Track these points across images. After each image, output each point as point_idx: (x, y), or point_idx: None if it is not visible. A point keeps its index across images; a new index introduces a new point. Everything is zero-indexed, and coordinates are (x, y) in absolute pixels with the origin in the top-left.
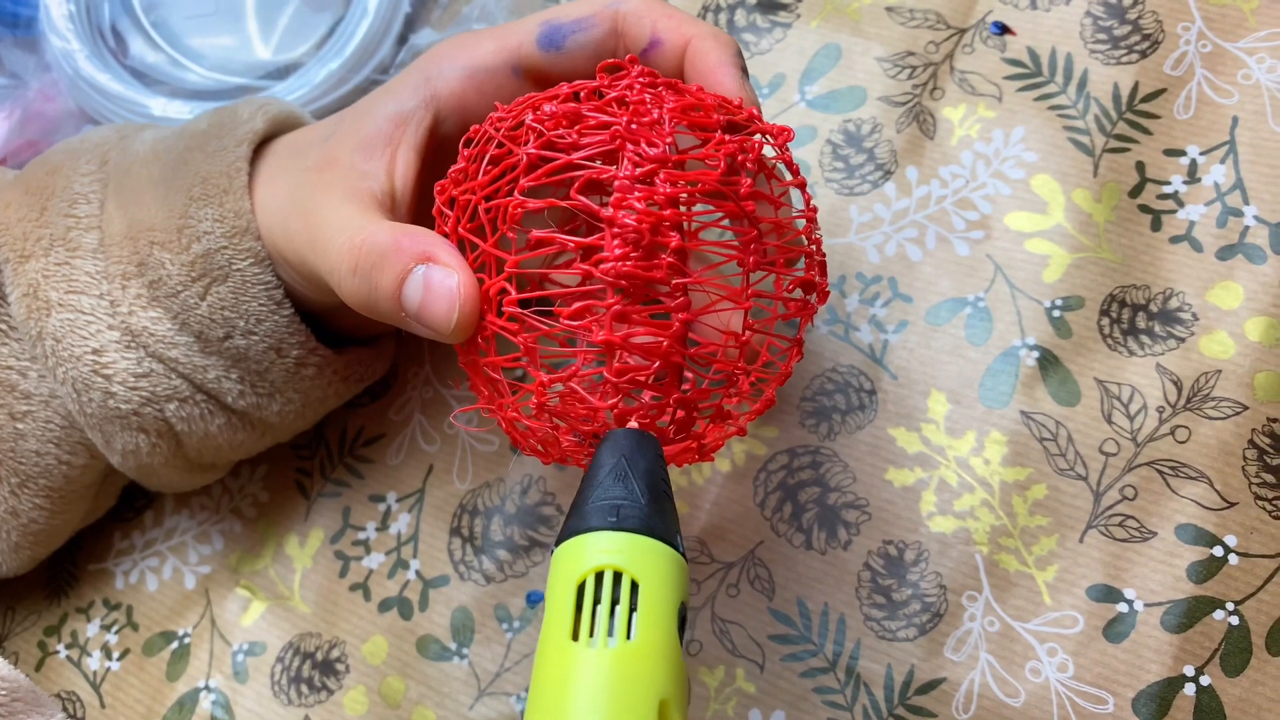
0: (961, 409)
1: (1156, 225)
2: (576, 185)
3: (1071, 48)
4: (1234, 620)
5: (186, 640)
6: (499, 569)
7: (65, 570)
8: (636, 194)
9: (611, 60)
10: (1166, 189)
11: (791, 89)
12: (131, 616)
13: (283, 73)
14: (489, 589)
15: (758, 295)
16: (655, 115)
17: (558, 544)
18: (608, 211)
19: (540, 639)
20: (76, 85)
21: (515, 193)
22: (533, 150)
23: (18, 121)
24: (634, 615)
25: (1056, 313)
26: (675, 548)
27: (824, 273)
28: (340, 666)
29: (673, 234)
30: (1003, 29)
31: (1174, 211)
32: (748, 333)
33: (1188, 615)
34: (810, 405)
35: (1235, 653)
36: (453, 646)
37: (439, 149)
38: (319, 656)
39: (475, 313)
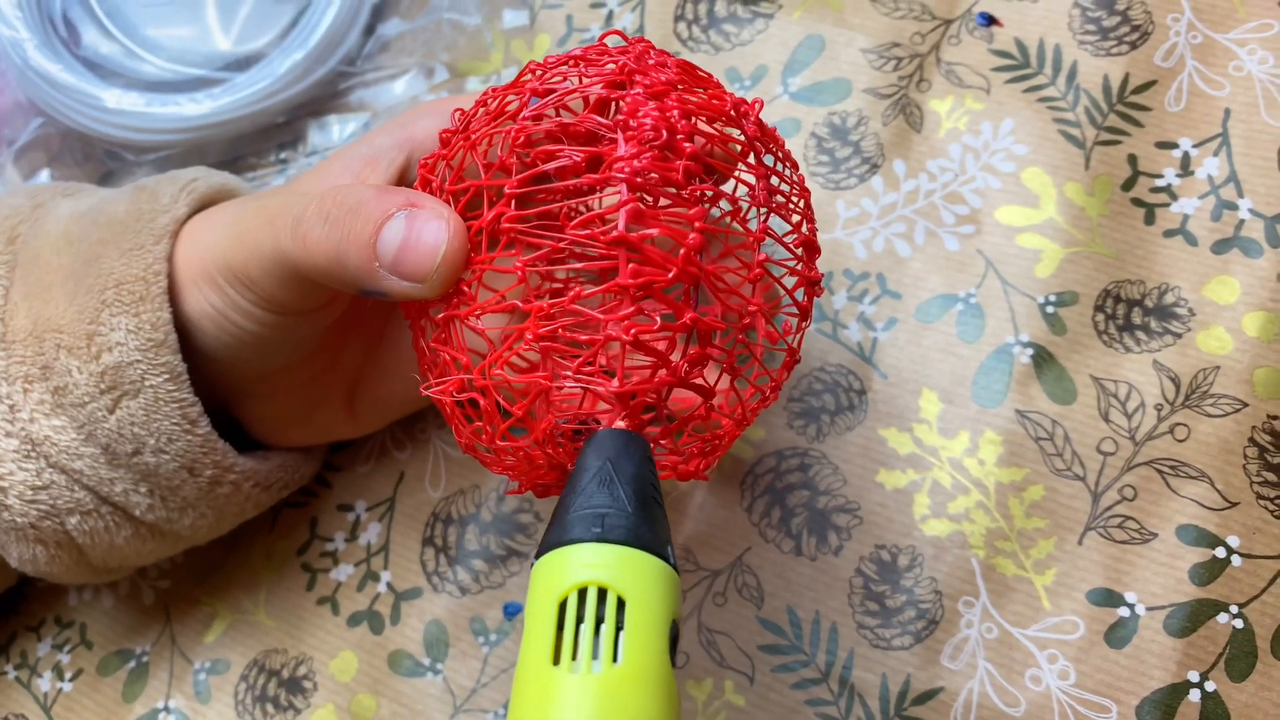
0: (954, 408)
1: (1150, 219)
2: (590, 107)
3: (1060, 39)
4: (1238, 623)
5: (144, 659)
6: (474, 580)
7: (14, 587)
8: (651, 106)
9: (613, 30)
10: (1159, 182)
11: (774, 81)
12: (85, 635)
13: (244, 64)
14: (464, 601)
15: (769, 233)
16: (660, 60)
17: (538, 557)
18: (619, 119)
19: (519, 660)
20: (26, 76)
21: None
22: (537, 85)
23: None
24: (620, 635)
25: (1050, 309)
26: (666, 560)
27: (817, 254)
28: (308, 684)
29: (687, 144)
30: (989, 20)
31: (1167, 205)
32: (759, 269)
33: (1191, 619)
34: (798, 406)
35: (1240, 657)
36: (426, 662)
37: None
38: (285, 674)
39: (464, 255)
